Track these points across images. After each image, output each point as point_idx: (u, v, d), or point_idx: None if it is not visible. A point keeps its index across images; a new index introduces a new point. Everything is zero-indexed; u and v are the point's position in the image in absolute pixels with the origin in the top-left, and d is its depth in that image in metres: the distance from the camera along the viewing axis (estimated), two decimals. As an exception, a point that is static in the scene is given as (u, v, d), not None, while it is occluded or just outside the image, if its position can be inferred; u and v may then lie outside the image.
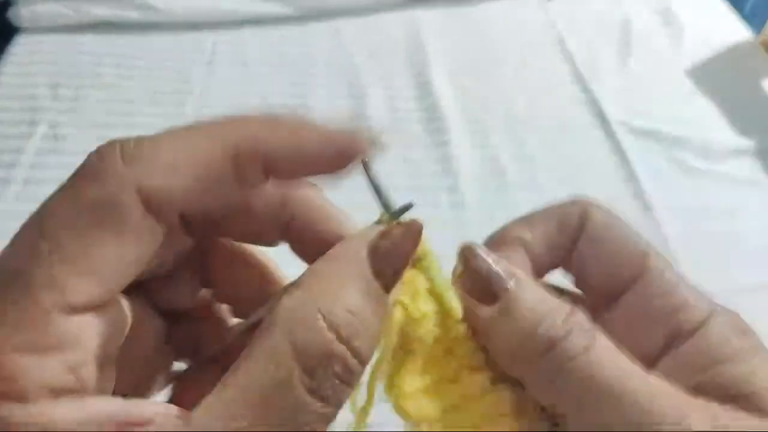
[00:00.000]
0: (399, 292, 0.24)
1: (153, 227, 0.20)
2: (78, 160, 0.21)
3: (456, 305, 0.25)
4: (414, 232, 0.23)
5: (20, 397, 0.18)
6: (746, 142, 1.17)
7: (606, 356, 0.22)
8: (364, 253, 0.22)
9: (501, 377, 0.25)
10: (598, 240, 0.26)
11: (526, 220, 0.27)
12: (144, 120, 1.18)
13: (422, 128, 1.20)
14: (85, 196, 0.20)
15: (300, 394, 0.19)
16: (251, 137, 0.21)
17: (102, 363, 0.20)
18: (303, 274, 0.22)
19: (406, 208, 0.24)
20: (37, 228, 0.19)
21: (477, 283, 0.24)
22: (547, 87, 1.30)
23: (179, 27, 1.38)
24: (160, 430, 0.19)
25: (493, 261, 0.24)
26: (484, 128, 1.20)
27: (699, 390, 0.22)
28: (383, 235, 0.22)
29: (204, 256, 0.26)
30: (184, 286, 0.27)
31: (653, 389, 0.21)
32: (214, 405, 0.19)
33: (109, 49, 1.34)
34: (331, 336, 0.20)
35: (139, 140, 0.21)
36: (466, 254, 0.24)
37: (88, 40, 1.35)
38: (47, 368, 0.18)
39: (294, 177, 0.23)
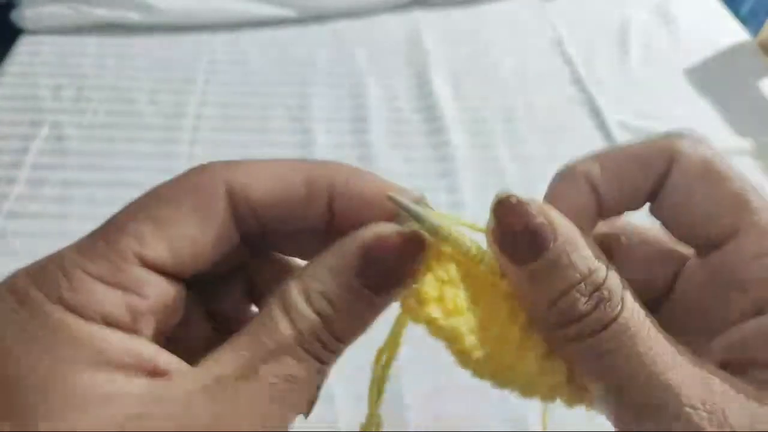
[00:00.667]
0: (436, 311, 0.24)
1: (229, 220, 0.24)
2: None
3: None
4: (412, 245, 0.23)
5: (78, 311, 0.21)
6: (744, 143, 1.18)
7: (625, 335, 0.21)
8: (351, 248, 0.23)
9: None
10: (686, 189, 0.24)
11: (602, 156, 0.25)
12: (145, 120, 1.19)
13: (422, 128, 1.21)
14: (185, 181, 0.24)
15: (284, 338, 0.22)
16: (321, 169, 0.25)
17: (159, 328, 0.23)
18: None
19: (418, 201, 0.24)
20: (146, 197, 0.23)
21: (507, 242, 0.23)
22: (546, 87, 1.31)
23: (181, 29, 1.39)
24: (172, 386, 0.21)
25: (530, 219, 0.22)
26: (483, 128, 1.21)
27: (754, 365, 0.21)
28: (378, 239, 0.23)
29: (254, 271, 0.28)
30: (232, 295, 0.28)
31: (672, 373, 0.21)
32: (216, 356, 0.22)
33: (110, 50, 1.35)
34: (310, 311, 0.22)
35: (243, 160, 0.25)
36: (500, 209, 0.23)
37: (90, 41, 1.36)
38: (108, 299, 0.21)
39: (349, 212, 0.25)
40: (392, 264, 0.23)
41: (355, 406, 0.78)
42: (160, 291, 0.22)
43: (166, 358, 0.22)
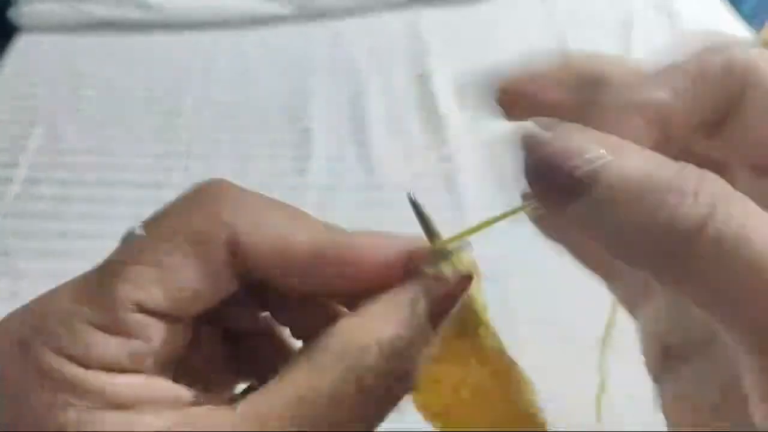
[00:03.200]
0: None
1: (232, 273, 0.23)
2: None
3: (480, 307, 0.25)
4: (466, 281, 0.24)
5: (82, 362, 0.20)
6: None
7: (759, 229, 0.17)
8: (420, 295, 0.23)
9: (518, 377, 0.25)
10: (765, 107, 0.21)
11: (661, 76, 0.23)
12: (143, 119, 1.18)
13: (422, 128, 1.20)
14: (186, 225, 0.22)
15: (348, 413, 0.21)
16: (332, 239, 0.23)
17: (164, 370, 0.22)
18: (362, 305, 0.23)
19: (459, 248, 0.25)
20: (147, 237, 0.22)
21: (552, 178, 0.18)
22: (548, 87, 1.30)
23: (179, 27, 1.38)
24: (211, 428, 0.21)
25: (570, 141, 0.18)
26: (483, 128, 1.20)
27: None
28: (437, 280, 0.23)
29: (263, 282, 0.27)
30: (245, 309, 0.27)
31: None
32: (260, 401, 0.21)
33: (108, 48, 1.34)
34: (385, 364, 0.21)
35: (253, 196, 0.23)
36: (531, 145, 0.19)
37: (88, 39, 1.35)
38: (109, 346, 0.21)
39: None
40: (451, 300, 0.23)
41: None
42: (162, 334, 0.22)
43: (187, 393, 0.22)
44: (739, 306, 0.17)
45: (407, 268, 0.24)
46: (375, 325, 0.22)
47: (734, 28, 1.43)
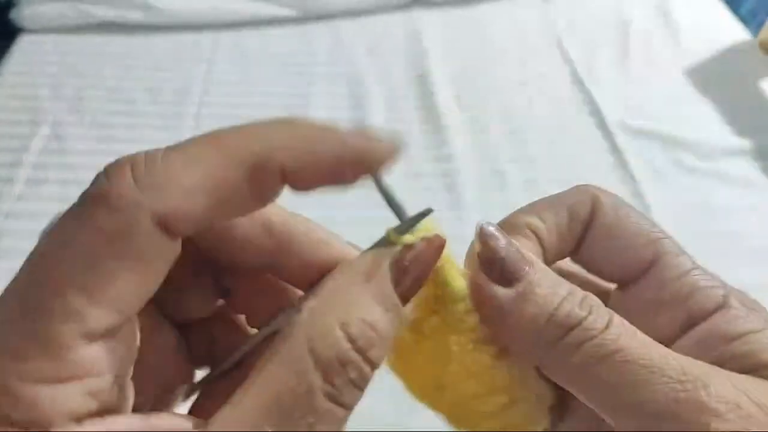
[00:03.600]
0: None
1: (168, 250, 0.20)
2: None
3: (457, 284, 0.25)
4: (436, 247, 0.23)
5: (44, 425, 0.18)
6: (744, 142, 1.18)
7: (626, 333, 0.22)
8: (386, 266, 0.22)
9: (503, 352, 0.25)
10: (610, 228, 0.26)
11: (536, 208, 0.27)
12: (144, 120, 1.19)
13: (422, 128, 1.21)
14: (99, 226, 0.19)
15: (320, 402, 0.20)
16: (266, 149, 0.21)
17: (121, 383, 0.21)
18: (321, 286, 0.22)
19: (423, 215, 0.24)
20: (53, 258, 0.19)
21: (493, 264, 0.23)
22: (546, 88, 1.31)
23: (180, 28, 1.39)
24: None
25: (512, 244, 0.24)
26: (483, 128, 1.21)
27: (717, 365, 0.22)
28: (406, 249, 0.23)
29: (217, 268, 0.26)
30: (199, 297, 0.27)
31: (679, 360, 0.21)
32: (232, 414, 0.19)
33: (110, 49, 1.35)
34: (347, 345, 0.20)
35: (151, 160, 0.20)
36: (485, 235, 0.24)
37: (90, 40, 1.36)
38: (68, 396, 0.19)
39: (310, 188, 0.23)
40: (422, 269, 0.23)
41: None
42: (114, 353, 0.20)
43: (166, 420, 0.21)
44: (608, 393, 0.22)
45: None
46: (338, 306, 0.21)
47: (732, 29, 1.44)
